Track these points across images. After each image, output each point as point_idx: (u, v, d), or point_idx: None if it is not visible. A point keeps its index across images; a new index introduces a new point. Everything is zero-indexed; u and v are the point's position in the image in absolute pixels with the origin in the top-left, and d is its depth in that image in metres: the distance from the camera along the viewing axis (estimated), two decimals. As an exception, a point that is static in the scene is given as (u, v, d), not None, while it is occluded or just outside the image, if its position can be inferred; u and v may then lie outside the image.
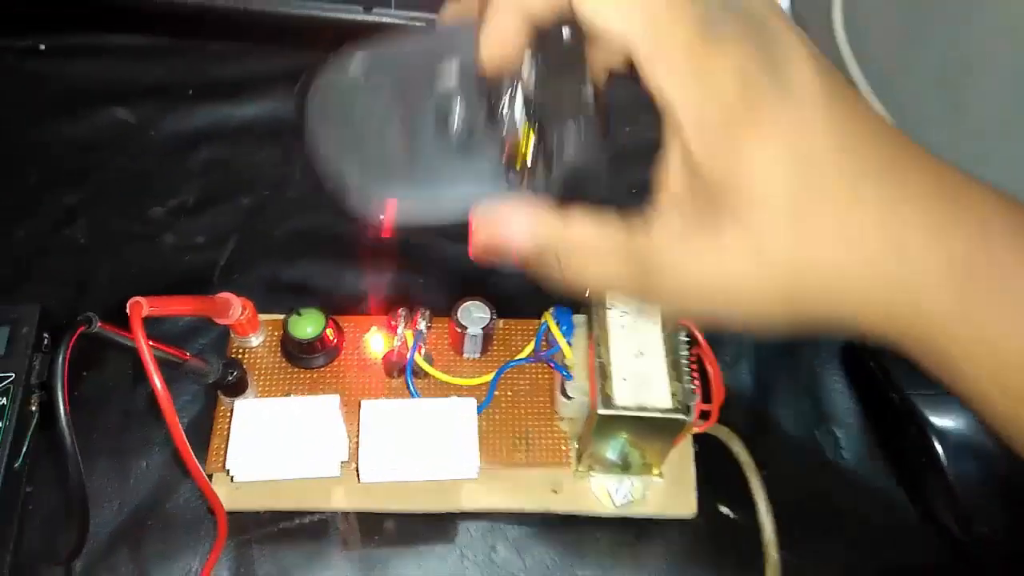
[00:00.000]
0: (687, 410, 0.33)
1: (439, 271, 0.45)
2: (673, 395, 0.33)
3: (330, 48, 0.53)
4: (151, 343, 0.28)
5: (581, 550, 0.37)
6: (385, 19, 0.53)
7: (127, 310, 0.27)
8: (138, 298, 0.27)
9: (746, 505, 0.38)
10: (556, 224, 0.26)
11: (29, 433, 0.37)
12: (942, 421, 0.38)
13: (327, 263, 0.45)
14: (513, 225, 0.26)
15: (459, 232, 0.46)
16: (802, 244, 0.23)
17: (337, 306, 0.41)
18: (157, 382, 0.26)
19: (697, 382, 0.34)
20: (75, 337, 0.25)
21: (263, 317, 0.40)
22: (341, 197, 0.27)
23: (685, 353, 0.35)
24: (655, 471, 0.38)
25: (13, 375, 0.37)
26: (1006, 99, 0.41)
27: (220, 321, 0.36)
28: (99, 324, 0.26)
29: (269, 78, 0.53)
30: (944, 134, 0.45)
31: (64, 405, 0.25)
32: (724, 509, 0.39)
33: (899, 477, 0.40)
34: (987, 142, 0.43)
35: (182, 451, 0.28)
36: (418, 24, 0.29)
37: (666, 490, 0.38)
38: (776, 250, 0.23)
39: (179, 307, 0.30)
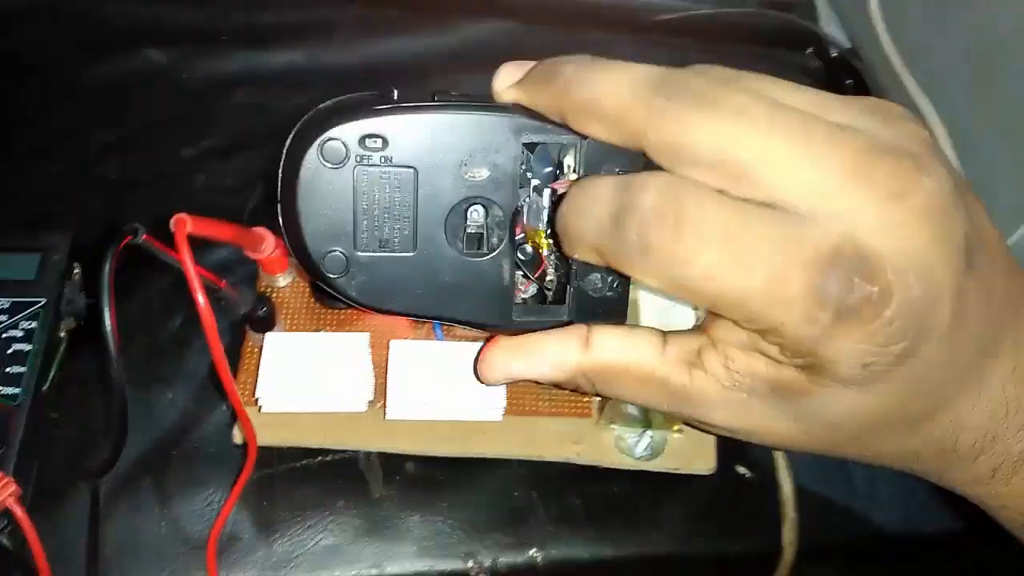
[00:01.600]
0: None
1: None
2: (701, 347, 0.34)
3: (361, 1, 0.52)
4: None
5: (599, 501, 0.38)
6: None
7: (171, 227, 0.27)
8: (183, 214, 0.27)
9: (762, 465, 0.39)
10: (585, 357, 0.25)
11: (57, 358, 0.37)
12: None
13: (354, 212, 0.45)
14: (538, 361, 0.25)
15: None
16: (852, 446, 0.24)
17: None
18: (200, 298, 0.26)
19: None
20: (122, 245, 0.25)
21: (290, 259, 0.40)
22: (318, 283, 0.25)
23: (712, 309, 0.35)
24: (675, 426, 0.38)
25: (43, 300, 0.37)
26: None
27: (252, 255, 0.36)
28: (144, 236, 0.26)
29: (302, 28, 0.53)
30: (973, 108, 0.45)
31: (111, 310, 0.25)
32: (741, 468, 0.39)
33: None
34: (1014, 117, 0.43)
35: (220, 367, 0.28)
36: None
37: (686, 445, 0.38)
38: (824, 440, 0.24)
39: (219, 230, 0.30)
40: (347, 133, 0.23)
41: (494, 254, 0.25)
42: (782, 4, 0.56)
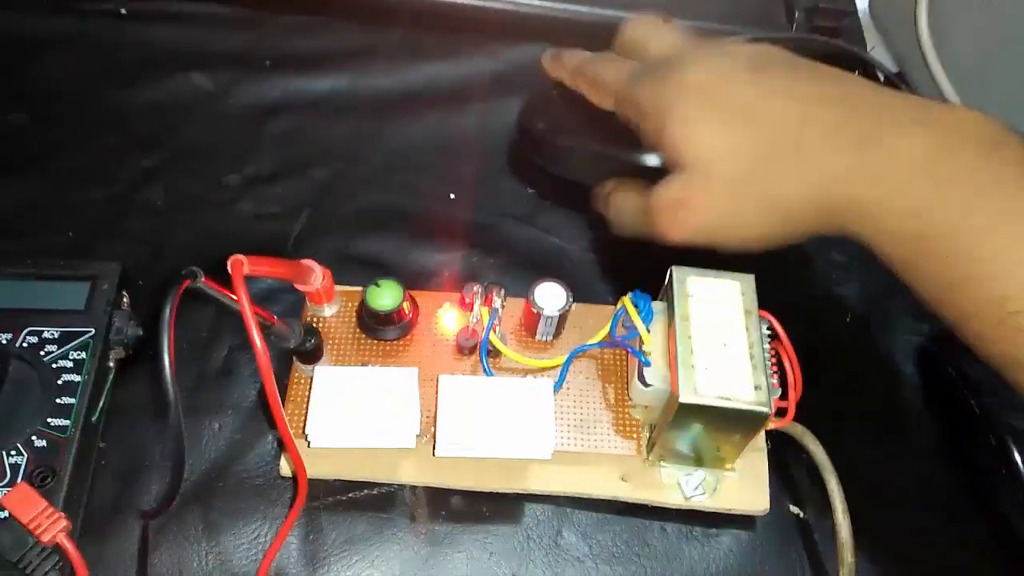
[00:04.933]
0: (770, 404, 0.33)
1: (509, 253, 0.45)
2: (756, 388, 0.33)
3: (403, 26, 0.52)
4: (245, 303, 0.28)
5: (647, 540, 0.37)
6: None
7: (228, 268, 0.27)
8: (239, 256, 0.27)
9: (815, 505, 0.38)
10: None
11: (106, 388, 0.37)
12: (1024, 429, 0.37)
13: (398, 239, 0.45)
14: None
15: (527, 214, 0.46)
16: (763, 184, 0.31)
17: (407, 283, 0.41)
18: (257, 340, 0.26)
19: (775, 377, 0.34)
20: (182, 289, 0.25)
21: (336, 288, 0.40)
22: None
23: (767, 347, 0.34)
24: (728, 465, 0.37)
25: (93, 330, 0.37)
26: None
27: (300, 287, 0.36)
28: (203, 279, 0.26)
29: (344, 53, 0.53)
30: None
31: (170, 356, 0.25)
32: (794, 508, 0.38)
33: (970, 485, 0.40)
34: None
35: (274, 409, 0.28)
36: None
37: (738, 485, 0.37)
38: (745, 193, 0.31)
39: (272, 268, 0.30)
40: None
41: None
42: (828, 29, 0.55)
